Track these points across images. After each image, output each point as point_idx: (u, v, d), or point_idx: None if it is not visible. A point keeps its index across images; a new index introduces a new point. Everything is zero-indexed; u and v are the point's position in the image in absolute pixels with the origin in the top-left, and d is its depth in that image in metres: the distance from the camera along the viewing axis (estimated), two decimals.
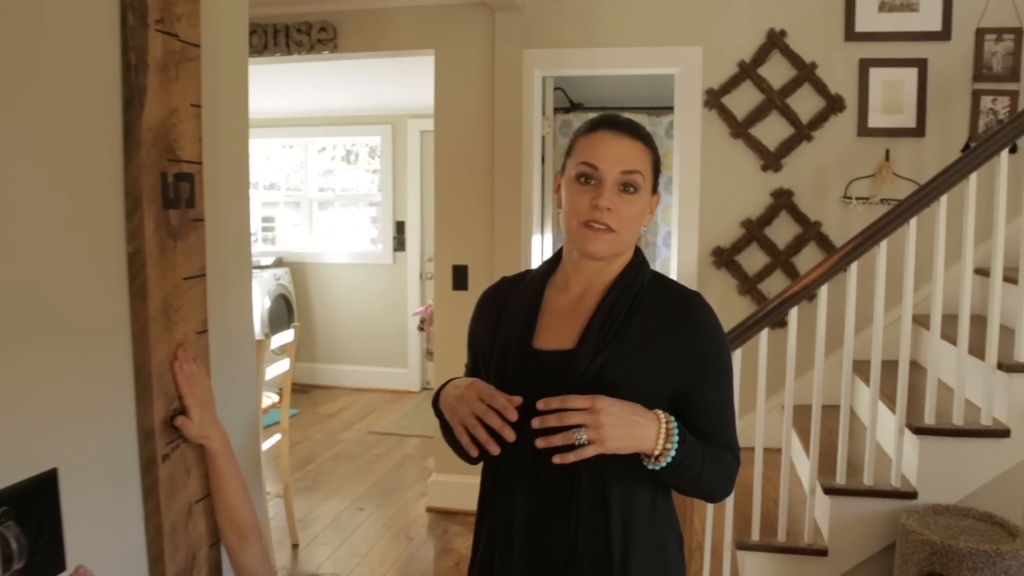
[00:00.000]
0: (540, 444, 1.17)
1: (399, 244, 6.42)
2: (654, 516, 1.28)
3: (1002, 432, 2.54)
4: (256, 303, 5.77)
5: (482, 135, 3.68)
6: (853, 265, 2.56)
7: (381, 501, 4.09)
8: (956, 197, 2.60)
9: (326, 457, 4.81)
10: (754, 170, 3.68)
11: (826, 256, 2.75)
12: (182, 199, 1.25)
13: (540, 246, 4.01)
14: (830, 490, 2.63)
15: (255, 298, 5.72)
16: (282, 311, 6.18)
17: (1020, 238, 2.77)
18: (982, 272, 2.96)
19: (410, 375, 6.47)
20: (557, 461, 1.17)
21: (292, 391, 3.97)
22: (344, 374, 6.59)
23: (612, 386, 1.20)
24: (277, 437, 3.65)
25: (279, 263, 6.46)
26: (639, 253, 1.34)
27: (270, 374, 3.49)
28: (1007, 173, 2.53)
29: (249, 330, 1.55)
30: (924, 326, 2.93)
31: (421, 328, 5.68)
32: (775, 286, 3.63)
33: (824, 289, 2.58)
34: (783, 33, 3.58)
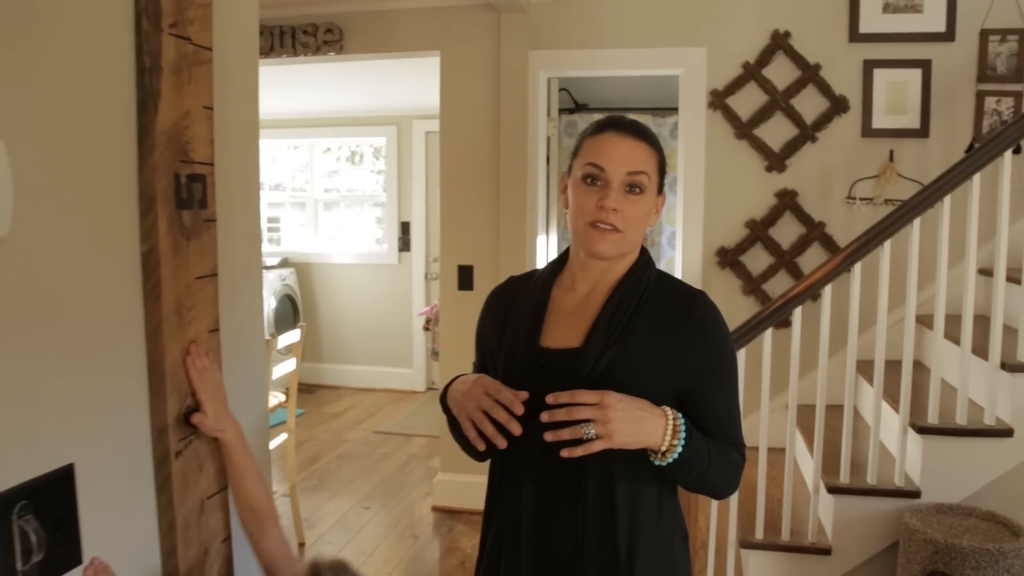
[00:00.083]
0: (548, 438, 1.19)
1: (404, 244, 6.43)
2: (660, 512, 1.29)
3: (1005, 432, 2.55)
4: None
5: (487, 136, 3.69)
6: (857, 265, 2.57)
7: (387, 500, 4.11)
8: (960, 198, 2.61)
9: (332, 457, 4.83)
10: (758, 171, 3.69)
11: (830, 256, 2.76)
12: (195, 200, 1.27)
13: (545, 246, 4.02)
14: (834, 489, 2.64)
15: None
16: (288, 311, 6.20)
17: (1023, 239, 2.78)
18: (985, 272, 2.97)
19: (415, 375, 6.48)
20: (565, 455, 1.18)
21: (298, 391, 3.99)
22: (349, 374, 6.60)
23: (618, 384, 1.21)
24: (284, 436, 3.67)
25: (284, 263, 6.48)
26: (645, 253, 1.36)
27: (276, 374, 3.51)
28: (1011, 174, 2.53)
29: (259, 329, 1.57)
30: (927, 326, 2.93)
31: (426, 328, 5.70)
32: (779, 286, 3.63)
33: (828, 289, 2.59)
34: (787, 34, 3.59)
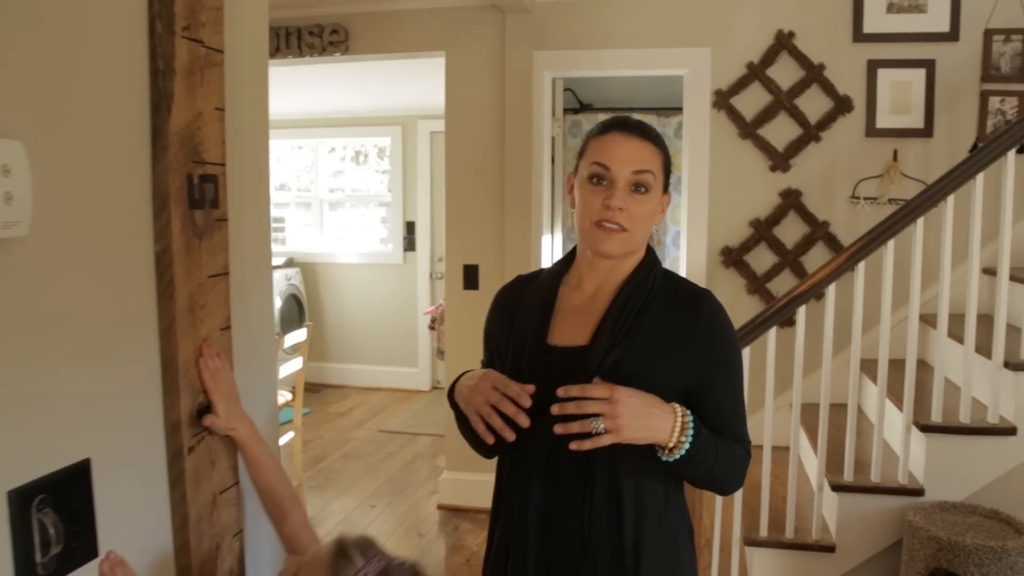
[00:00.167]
0: (558, 430, 1.20)
1: (409, 244, 6.45)
2: (666, 508, 1.30)
3: (1008, 430, 2.56)
4: None
5: (492, 136, 3.71)
6: (861, 264, 2.59)
7: (392, 499, 4.13)
8: (963, 197, 2.62)
9: (337, 455, 4.85)
10: (762, 170, 3.70)
11: (834, 256, 2.77)
12: (207, 199, 1.29)
13: (550, 246, 4.04)
14: (838, 487, 2.65)
15: None
16: (293, 311, 6.23)
17: None
18: (989, 272, 2.98)
19: (420, 374, 6.51)
20: (574, 447, 1.19)
21: (303, 390, 4.01)
22: (355, 373, 6.63)
23: (625, 381, 1.23)
24: (290, 435, 3.70)
25: (290, 263, 6.51)
26: (651, 252, 1.37)
27: (282, 373, 3.54)
28: (1014, 173, 2.55)
29: (269, 327, 1.59)
30: (931, 325, 2.94)
31: (432, 327, 5.71)
32: (783, 285, 3.65)
33: (832, 288, 2.61)
34: (791, 34, 3.60)
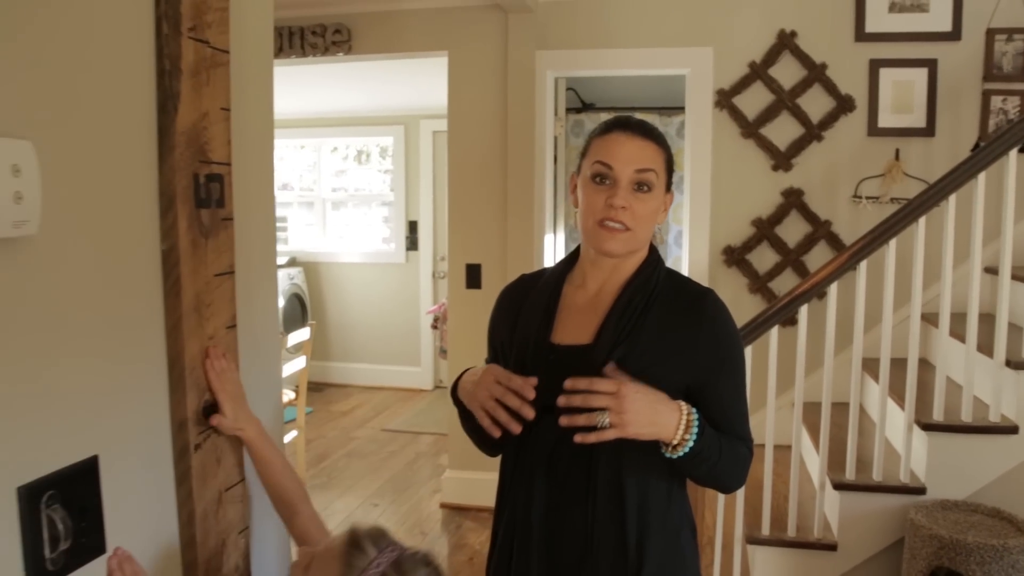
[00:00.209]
0: (564, 423, 1.20)
1: (412, 243, 6.46)
2: (669, 505, 1.31)
3: (1010, 429, 2.56)
4: None
5: (495, 135, 3.72)
6: (862, 264, 2.59)
7: (395, 497, 4.14)
8: (965, 196, 2.62)
9: (340, 454, 4.86)
10: (764, 170, 3.71)
11: (836, 255, 2.78)
12: (213, 199, 1.30)
13: (552, 245, 4.05)
14: (840, 486, 2.66)
15: None
16: (296, 310, 6.24)
17: None
18: (991, 271, 2.98)
19: (423, 373, 6.52)
20: (578, 440, 1.19)
21: (306, 389, 4.02)
22: (357, 372, 6.64)
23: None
24: (294, 434, 3.71)
25: (293, 263, 6.52)
26: (654, 251, 1.38)
27: (286, 371, 3.55)
28: (1016, 172, 2.55)
29: (274, 325, 1.60)
30: (933, 324, 2.95)
31: (435, 326, 5.73)
32: (785, 284, 3.65)
33: (834, 287, 2.61)
34: (793, 34, 3.60)
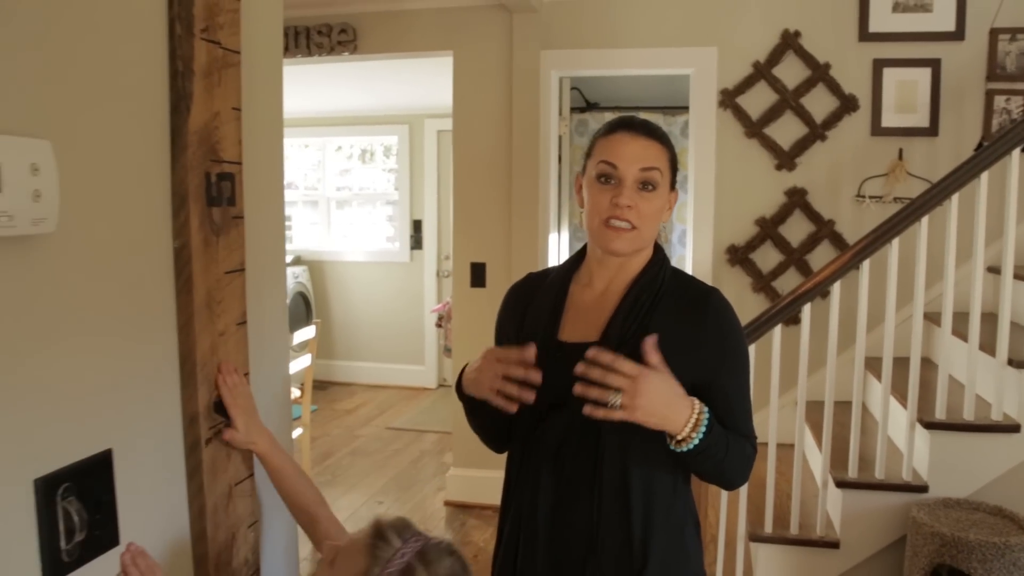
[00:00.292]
0: (577, 390, 1.19)
1: (416, 242, 6.48)
2: (674, 499, 1.33)
3: (1012, 427, 2.58)
4: None
5: (500, 134, 3.74)
6: (865, 263, 2.60)
7: (399, 495, 4.16)
8: (968, 196, 2.63)
9: (345, 452, 4.88)
10: (768, 169, 3.72)
11: (839, 254, 2.80)
12: (224, 197, 1.32)
13: (557, 244, 4.06)
14: (842, 484, 2.68)
15: None
16: (300, 309, 6.27)
17: None
18: (993, 270, 2.99)
19: (427, 372, 6.54)
20: (586, 412, 1.19)
21: (311, 387, 4.04)
22: (361, 371, 6.66)
23: None
24: (299, 431, 3.73)
25: (297, 261, 6.55)
26: (659, 250, 1.39)
27: (291, 369, 3.57)
28: (1019, 172, 2.55)
29: (283, 322, 1.62)
30: (935, 323, 2.96)
31: (439, 325, 5.76)
32: (789, 283, 3.67)
33: (837, 286, 2.63)
34: (797, 34, 3.62)
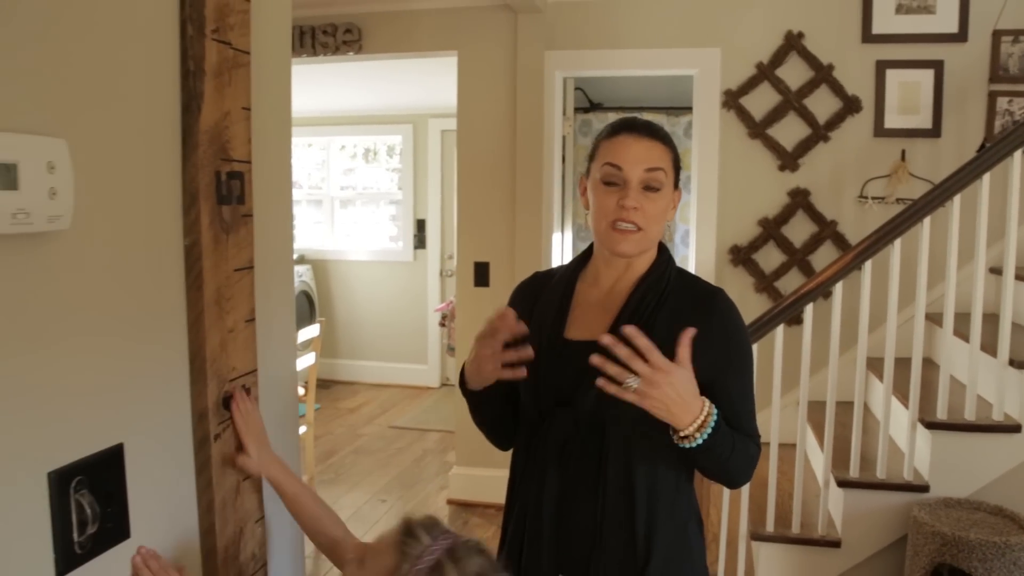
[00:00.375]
0: (595, 361, 1.19)
1: (420, 242, 6.50)
2: (677, 496, 1.35)
3: (1013, 427, 2.59)
4: None
5: (504, 134, 3.76)
6: (868, 263, 2.62)
7: (402, 493, 4.18)
8: (970, 197, 2.64)
9: (348, 451, 4.90)
10: (771, 170, 3.73)
11: (841, 255, 2.81)
12: (233, 196, 1.34)
13: (560, 243, 4.08)
14: (844, 483, 2.69)
15: None
16: (304, 307, 6.28)
17: None
18: (995, 271, 3.00)
19: (430, 371, 6.56)
20: (599, 384, 1.19)
21: (315, 386, 4.06)
22: (365, 370, 6.68)
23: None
24: (302, 429, 3.75)
25: (301, 260, 6.56)
26: (665, 250, 1.41)
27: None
28: (1021, 173, 2.57)
29: (291, 319, 1.63)
30: (937, 324, 2.97)
31: (443, 324, 5.77)
32: (791, 284, 3.68)
33: (839, 287, 2.64)
34: (800, 35, 3.63)
